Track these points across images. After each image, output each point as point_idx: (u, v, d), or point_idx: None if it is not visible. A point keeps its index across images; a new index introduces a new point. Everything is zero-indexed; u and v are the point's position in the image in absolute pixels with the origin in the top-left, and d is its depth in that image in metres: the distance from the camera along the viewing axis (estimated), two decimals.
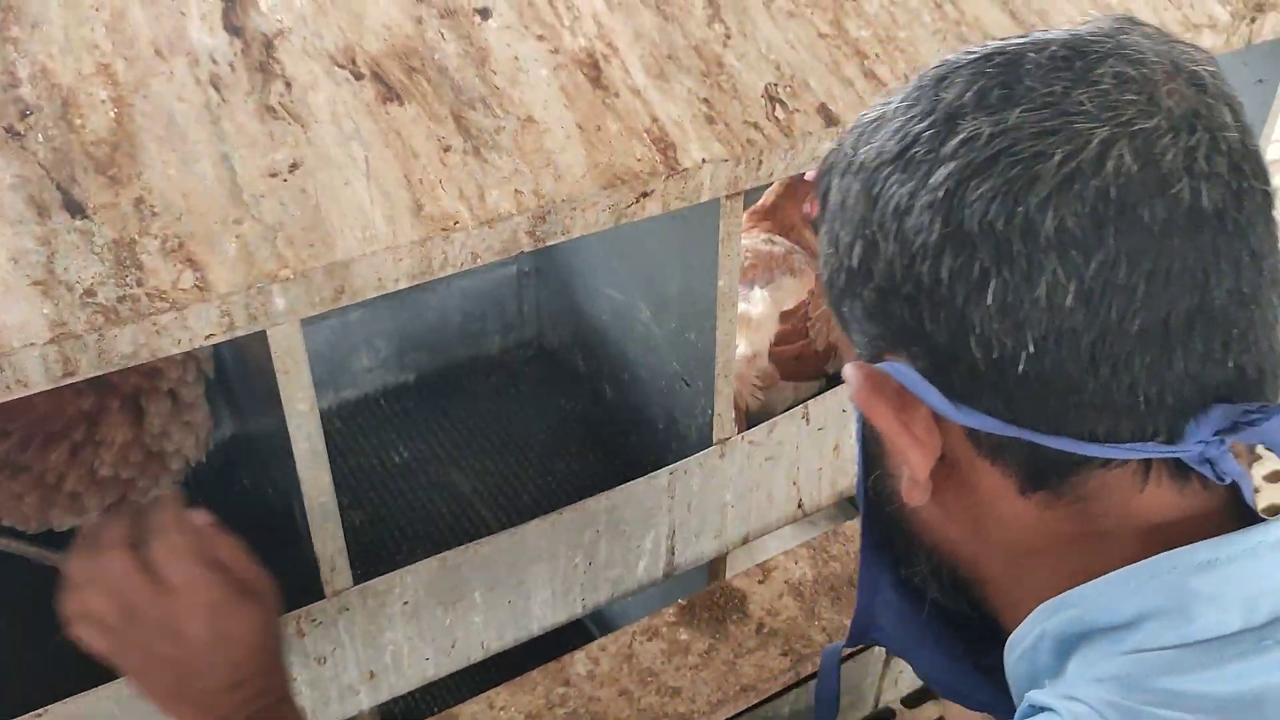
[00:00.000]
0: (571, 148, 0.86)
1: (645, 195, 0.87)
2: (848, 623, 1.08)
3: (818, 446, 1.17)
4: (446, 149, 0.83)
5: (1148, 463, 0.51)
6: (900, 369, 0.54)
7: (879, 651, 1.20)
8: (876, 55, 1.00)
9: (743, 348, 1.22)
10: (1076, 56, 0.50)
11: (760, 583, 1.11)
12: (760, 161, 0.92)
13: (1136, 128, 0.48)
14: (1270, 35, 1.24)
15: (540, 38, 0.91)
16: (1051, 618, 0.52)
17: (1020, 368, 0.49)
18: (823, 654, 0.78)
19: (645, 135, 0.89)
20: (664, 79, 0.92)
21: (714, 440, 1.07)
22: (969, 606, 0.61)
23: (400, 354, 1.34)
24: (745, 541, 1.16)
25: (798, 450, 1.15)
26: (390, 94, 0.84)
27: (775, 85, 0.95)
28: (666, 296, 1.09)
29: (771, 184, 1.37)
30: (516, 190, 0.83)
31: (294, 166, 0.79)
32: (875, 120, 0.55)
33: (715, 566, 1.18)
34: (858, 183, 0.54)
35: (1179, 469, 0.51)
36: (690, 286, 1.04)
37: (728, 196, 0.92)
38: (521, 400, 1.35)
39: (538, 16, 0.92)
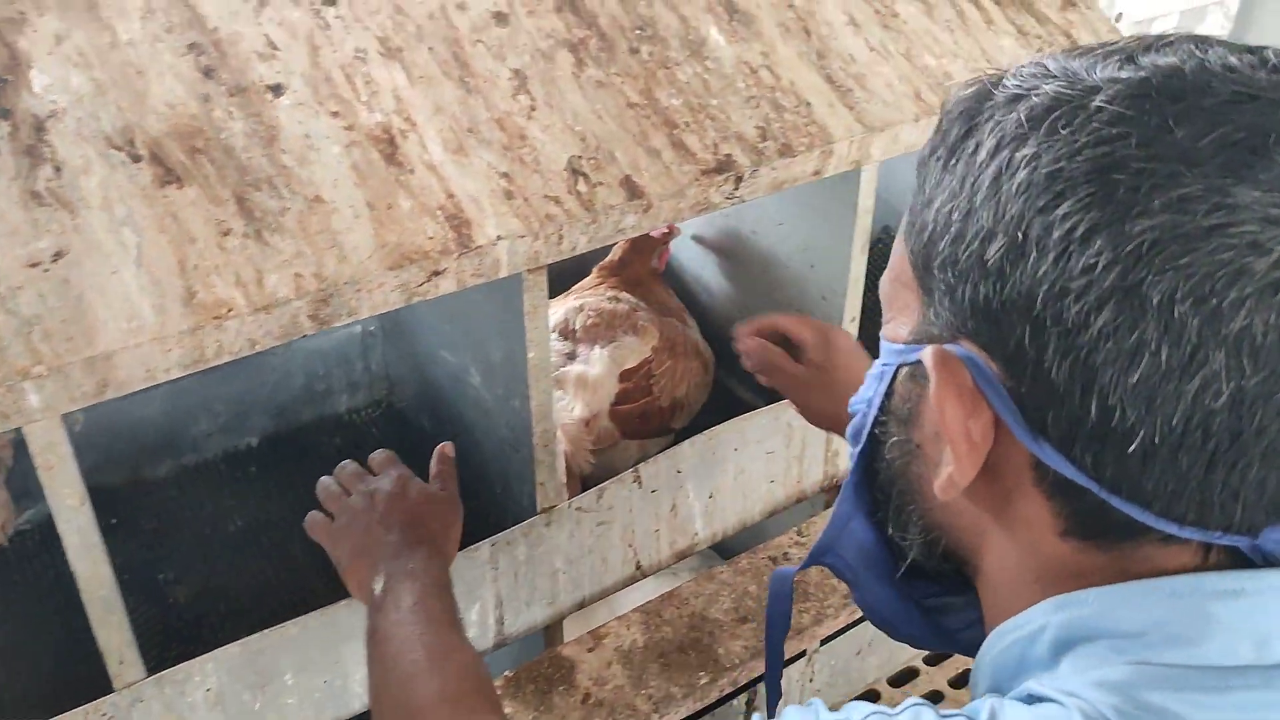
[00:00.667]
0: (359, 227, 0.85)
1: (437, 274, 0.86)
2: (675, 690, 1.08)
3: (652, 508, 1.17)
4: (226, 232, 0.82)
5: (1209, 545, 0.49)
6: (982, 367, 0.50)
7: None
8: (686, 124, 1.01)
9: (578, 409, 1.22)
10: None
11: (590, 650, 1.10)
12: (560, 237, 0.91)
13: None
14: None
15: (335, 114, 0.90)
16: (1059, 612, 0.51)
17: (1133, 445, 0.46)
18: (771, 578, 0.76)
19: (439, 212, 0.88)
20: (463, 154, 0.92)
21: (538, 509, 1.07)
22: (953, 572, 0.59)
23: (241, 417, 1.31)
24: (581, 606, 1.15)
25: (631, 514, 1.14)
26: (169, 176, 0.83)
27: (579, 158, 0.95)
28: (492, 362, 1.09)
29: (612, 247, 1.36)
30: (297, 274, 0.81)
31: (58, 255, 0.77)
32: (1077, 97, 0.47)
33: (553, 632, 1.17)
34: (1025, 171, 0.47)
35: (1235, 550, 0.49)
36: (511, 354, 1.03)
37: (529, 271, 0.92)
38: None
39: (334, 92, 0.91)
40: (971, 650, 0.58)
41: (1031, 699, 0.49)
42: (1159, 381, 0.44)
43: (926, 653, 1.39)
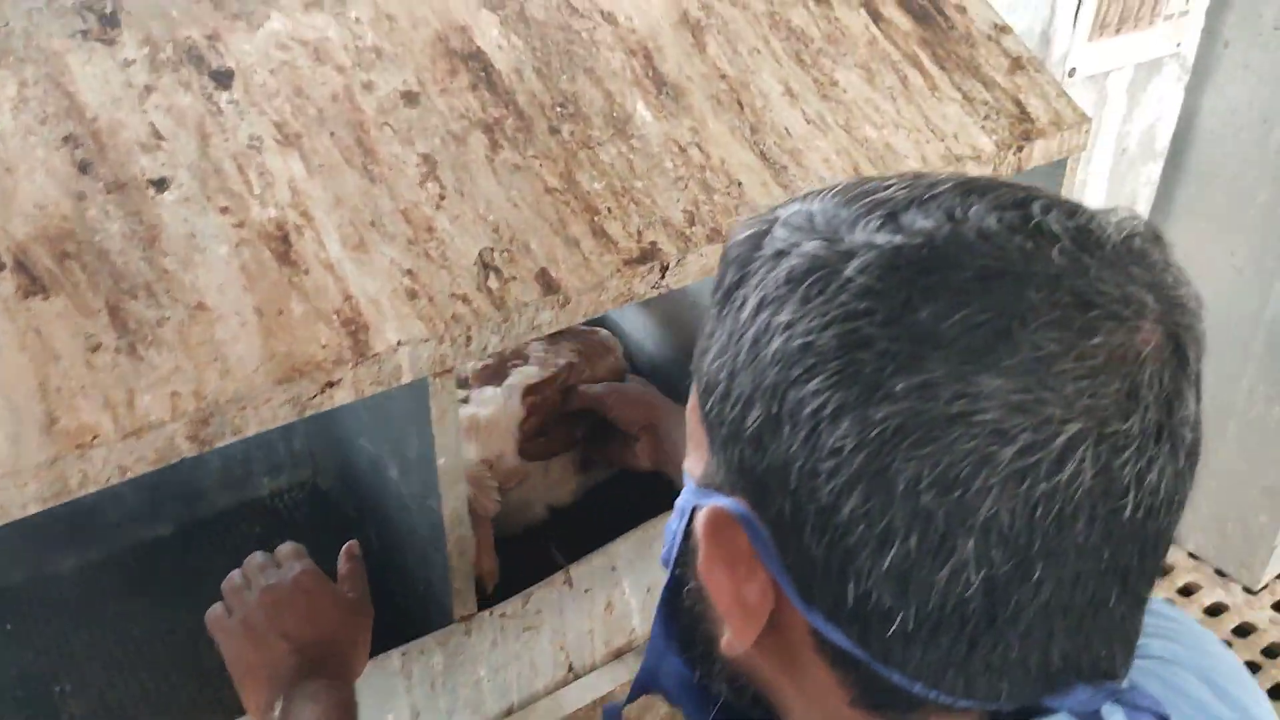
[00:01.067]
0: (246, 337, 0.78)
1: (331, 385, 0.80)
2: None
3: (585, 608, 1.10)
4: (95, 348, 0.75)
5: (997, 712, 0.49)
6: (757, 529, 0.49)
7: None
8: (609, 210, 0.95)
9: (472, 452, 1.15)
10: (1078, 309, 0.44)
11: None
12: (469, 338, 0.85)
13: (1109, 430, 0.43)
14: (1041, 160, 1.22)
15: (224, 210, 0.83)
16: None
17: (892, 627, 0.46)
18: (603, 713, 0.73)
19: (334, 317, 0.81)
20: (363, 250, 0.85)
21: (455, 617, 1.00)
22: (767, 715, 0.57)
23: (153, 505, 1.24)
24: (510, 714, 1.09)
25: (561, 616, 1.08)
26: (34, 286, 0.76)
27: (491, 250, 0.89)
28: (408, 458, 1.02)
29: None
30: (174, 392, 0.75)
31: None
32: (833, 262, 0.46)
33: None
34: (780, 340, 0.46)
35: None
36: (425, 454, 0.96)
37: (435, 375, 0.86)
38: None
39: (224, 186, 0.85)
40: None
41: None
42: (910, 568, 0.44)
43: None
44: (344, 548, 0.98)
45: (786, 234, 0.49)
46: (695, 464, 0.55)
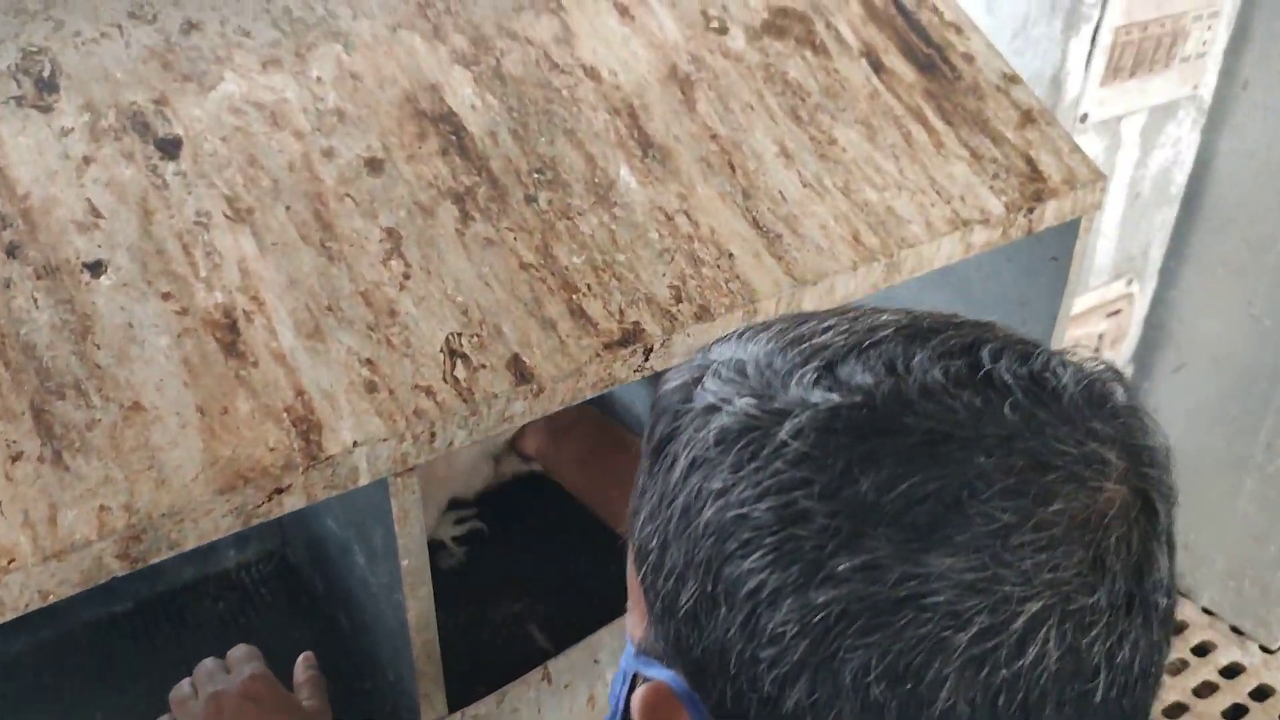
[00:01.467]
0: (186, 440, 0.72)
1: (280, 491, 0.73)
2: None
3: (566, 704, 1.03)
4: (16, 457, 0.68)
5: None
6: (699, 706, 0.45)
7: None
8: (588, 287, 0.88)
9: None
10: (1034, 472, 0.39)
11: None
12: (433, 434, 0.78)
13: (1074, 606, 0.39)
14: (1053, 221, 1.15)
15: (166, 296, 0.77)
16: None
17: None
18: None
19: (285, 415, 0.75)
20: (318, 338, 0.78)
21: None
22: None
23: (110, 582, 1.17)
24: None
25: (540, 714, 1.01)
26: None
27: (459, 335, 0.82)
28: (374, 547, 0.95)
29: None
30: (102, 506, 0.68)
31: None
32: (766, 423, 0.41)
33: None
34: (713, 510, 0.42)
35: None
36: (390, 548, 0.90)
37: (397, 475, 0.79)
38: (257, 625, 1.19)
39: (166, 268, 0.78)
40: None
41: None
42: None
43: None
44: (301, 658, 0.91)
45: (717, 387, 0.44)
46: (635, 625, 0.51)
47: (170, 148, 0.83)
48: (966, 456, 0.39)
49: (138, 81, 0.85)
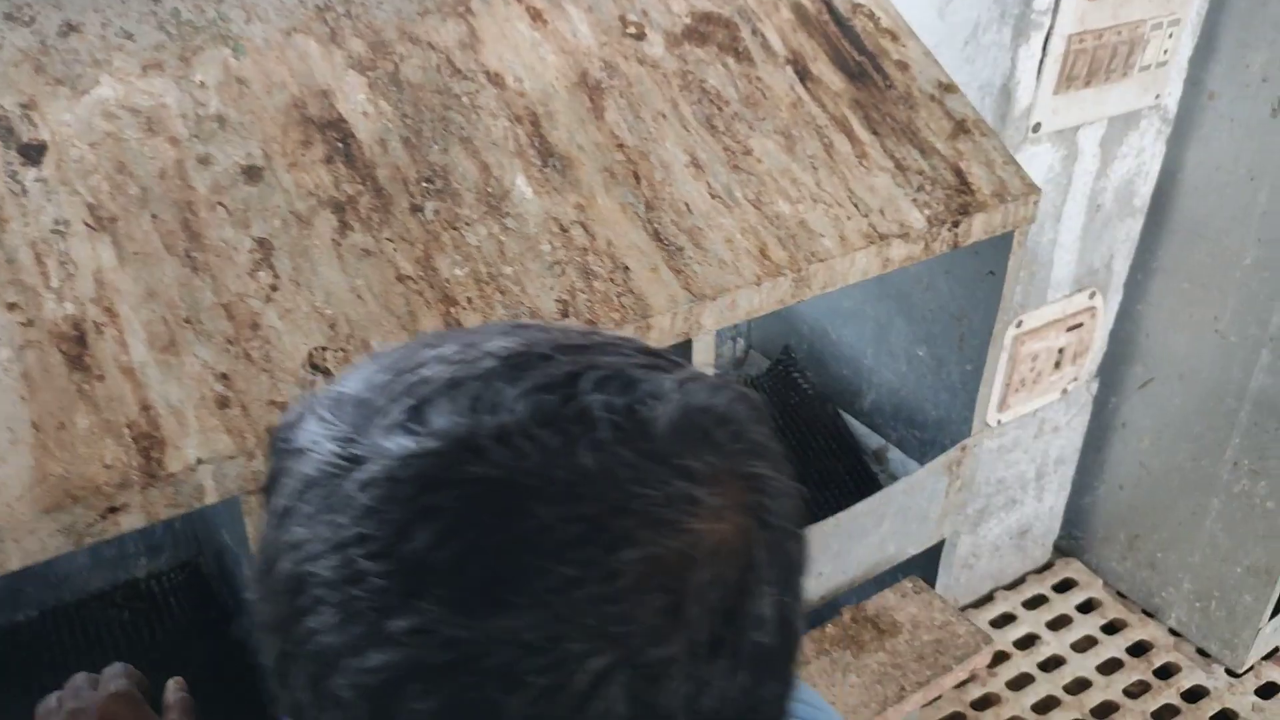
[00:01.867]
0: (15, 456, 0.69)
1: (115, 510, 0.70)
2: None
3: None
4: None
5: None
6: None
7: None
8: (469, 300, 0.85)
9: None
10: (608, 517, 0.37)
11: None
12: None
13: (646, 658, 0.36)
14: (982, 235, 1.12)
15: (11, 306, 0.74)
16: None
17: None
18: None
19: (126, 431, 0.72)
20: (173, 351, 0.76)
21: None
22: None
23: (13, 589, 1.15)
24: None
25: None
26: None
27: (323, 350, 0.79)
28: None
29: None
30: None
31: None
32: (342, 470, 0.39)
33: None
34: (288, 562, 0.40)
35: None
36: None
37: (250, 493, 0.76)
38: (167, 636, 1.17)
39: (15, 278, 0.75)
40: None
41: None
42: None
43: None
44: (170, 681, 0.88)
45: (314, 426, 0.41)
46: None
47: (33, 153, 0.80)
48: (527, 507, 0.36)
49: (7, 85, 0.83)
